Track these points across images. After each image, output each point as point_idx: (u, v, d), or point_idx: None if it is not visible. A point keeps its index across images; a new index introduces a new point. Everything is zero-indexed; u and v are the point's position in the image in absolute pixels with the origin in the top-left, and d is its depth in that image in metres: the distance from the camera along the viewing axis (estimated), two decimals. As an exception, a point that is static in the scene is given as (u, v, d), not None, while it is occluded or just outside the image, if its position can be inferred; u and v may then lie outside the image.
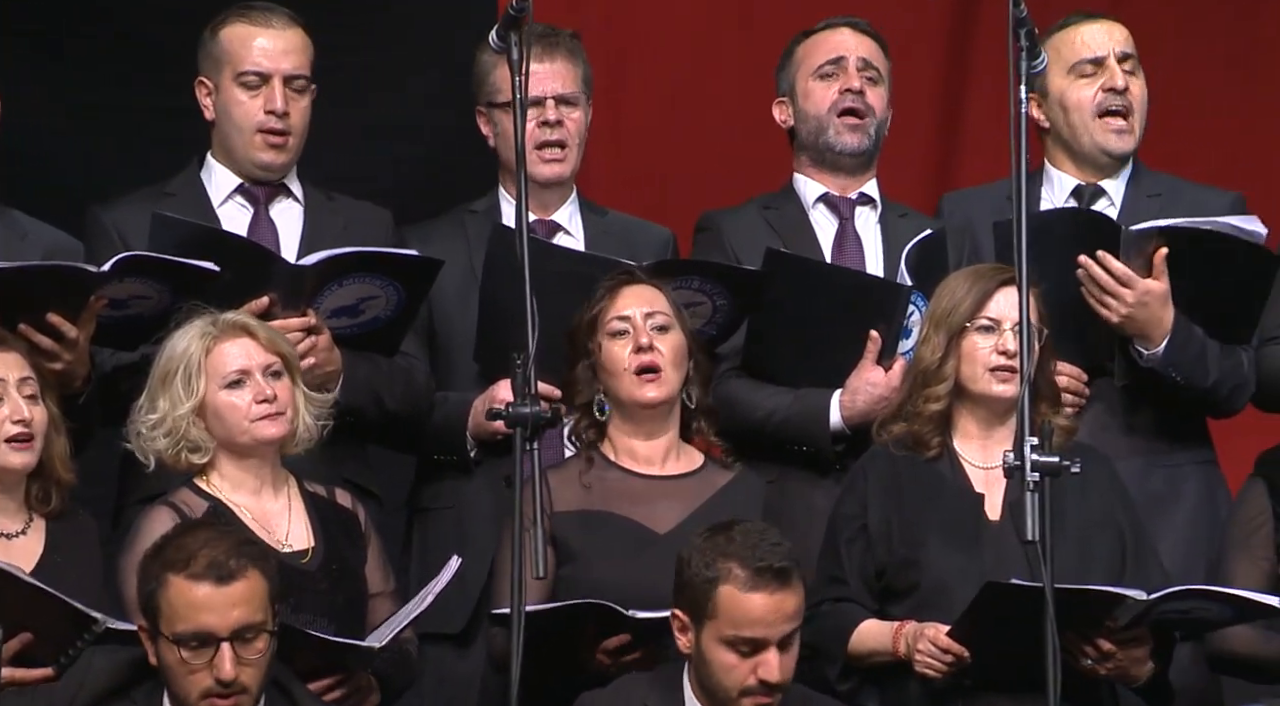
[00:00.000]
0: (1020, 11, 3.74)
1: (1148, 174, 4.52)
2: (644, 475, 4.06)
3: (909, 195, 4.82)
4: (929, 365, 4.03)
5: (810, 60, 4.50)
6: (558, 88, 4.40)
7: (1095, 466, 4.01)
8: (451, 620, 4.18)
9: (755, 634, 3.68)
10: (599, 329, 4.05)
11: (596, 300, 4.07)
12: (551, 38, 4.40)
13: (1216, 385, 4.32)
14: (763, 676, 3.68)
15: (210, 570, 3.52)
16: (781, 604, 3.68)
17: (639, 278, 4.11)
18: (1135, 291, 4.23)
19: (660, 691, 3.78)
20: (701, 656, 3.73)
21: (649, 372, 4.02)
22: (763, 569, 3.67)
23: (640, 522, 3.99)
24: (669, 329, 4.06)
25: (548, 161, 4.41)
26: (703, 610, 3.70)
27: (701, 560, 3.71)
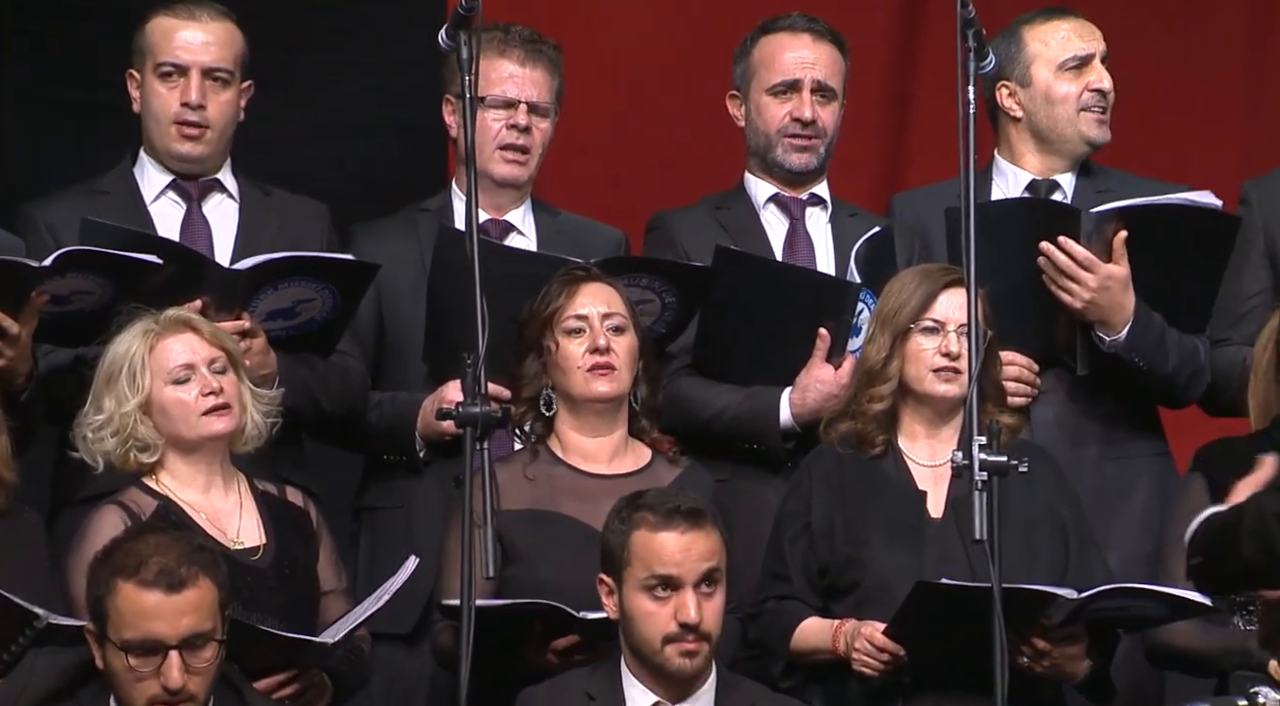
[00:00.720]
0: (968, 12, 3.74)
1: (1097, 169, 4.52)
2: (591, 474, 4.06)
3: (858, 195, 4.81)
4: (874, 364, 4.04)
5: (765, 74, 4.47)
6: (533, 95, 4.39)
7: (1039, 464, 3.99)
8: (401, 620, 4.15)
9: (668, 571, 3.70)
10: (554, 325, 4.04)
11: (552, 296, 4.05)
12: (537, 45, 4.39)
13: (1176, 371, 4.32)
14: (681, 619, 3.69)
15: (161, 577, 3.49)
16: (693, 542, 3.71)
17: (596, 275, 4.09)
18: (1097, 276, 4.23)
19: (599, 679, 3.79)
20: (626, 615, 3.74)
21: (602, 369, 4.02)
22: (672, 510, 3.73)
23: (587, 523, 3.98)
24: (624, 330, 4.05)
25: (509, 162, 4.39)
26: (620, 562, 3.73)
27: (618, 517, 3.77)
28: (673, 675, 3.74)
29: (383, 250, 4.33)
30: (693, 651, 3.72)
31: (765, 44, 4.49)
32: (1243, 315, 4.42)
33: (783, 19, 4.50)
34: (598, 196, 4.99)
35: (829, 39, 4.49)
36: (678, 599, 3.71)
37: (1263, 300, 4.42)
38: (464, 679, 3.51)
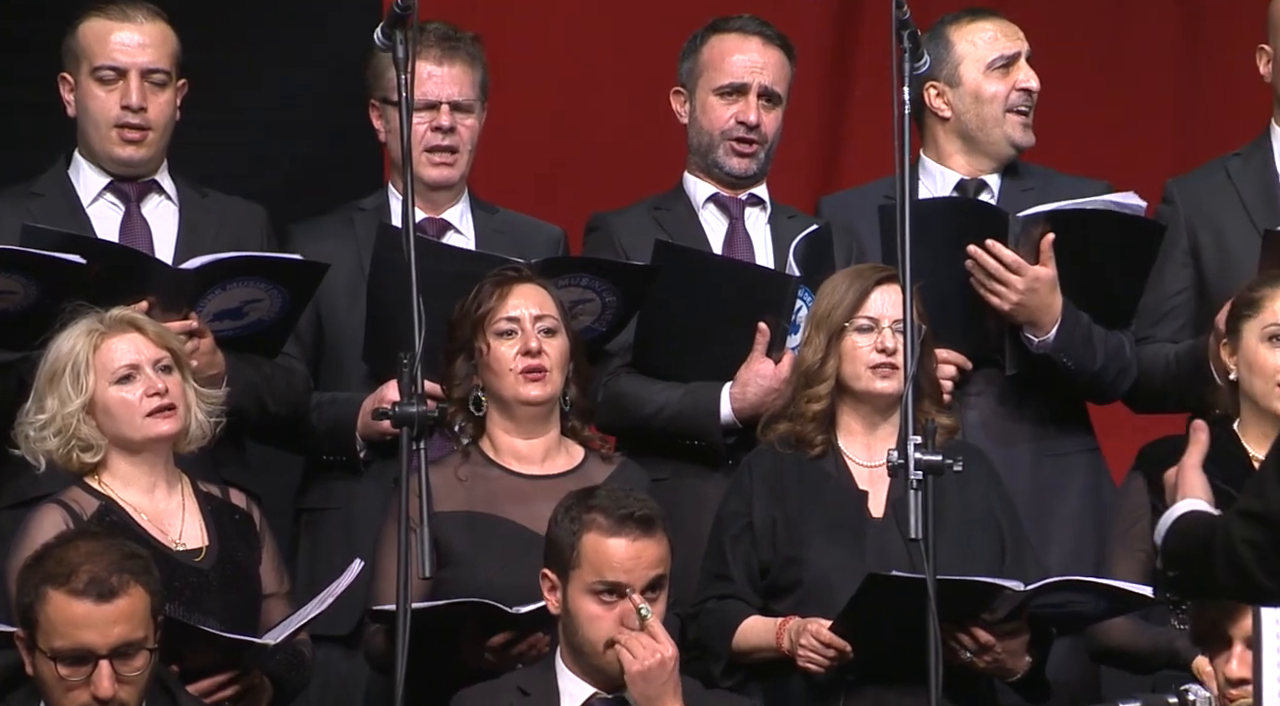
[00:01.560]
0: (903, 13, 3.74)
1: (1022, 167, 4.53)
2: (524, 475, 4.04)
3: (794, 195, 4.78)
4: (811, 365, 4.04)
5: (713, 74, 4.45)
6: (454, 94, 4.34)
7: (975, 464, 4.01)
8: (339, 622, 4.12)
9: (617, 578, 3.69)
10: (486, 327, 4.01)
11: (483, 297, 4.02)
12: (452, 41, 4.33)
13: (1103, 369, 4.33)
14: (627, 625, 3.67)
15: (91, 587, 3.45)
16: (643, 551, 3.70)
17: (528, 276, 4.06)
18: (1025, 278, 4.24)
19: (534, 676, 3.77)
20: (569, 613, 3.73)
21: (534, 372, 4.00)
22: (625, 516, 3.71)
23: (522, 524, 3.97)
24: (556, 332, 4.03)
25: (437, 165, 4.35)
26: (568, 562, 3.71)
27: (567, 515, 3.74)
28: (614, 676, 3.72)
29: (320, 249, 4.29)
30: None
31: (715, 44, 4.47)
32: (1166, 313, 4.44)
33: (735, 20, 4.48)
34: (536, 194, 4.97)
35: (778, 44, 4.47)
36: (625, 604, 3.69)
37: (1185, 298, 4.44)
38: (399, 680, 3.48)
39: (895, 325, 3.98)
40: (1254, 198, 4.45)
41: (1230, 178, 4.46)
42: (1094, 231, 4.26)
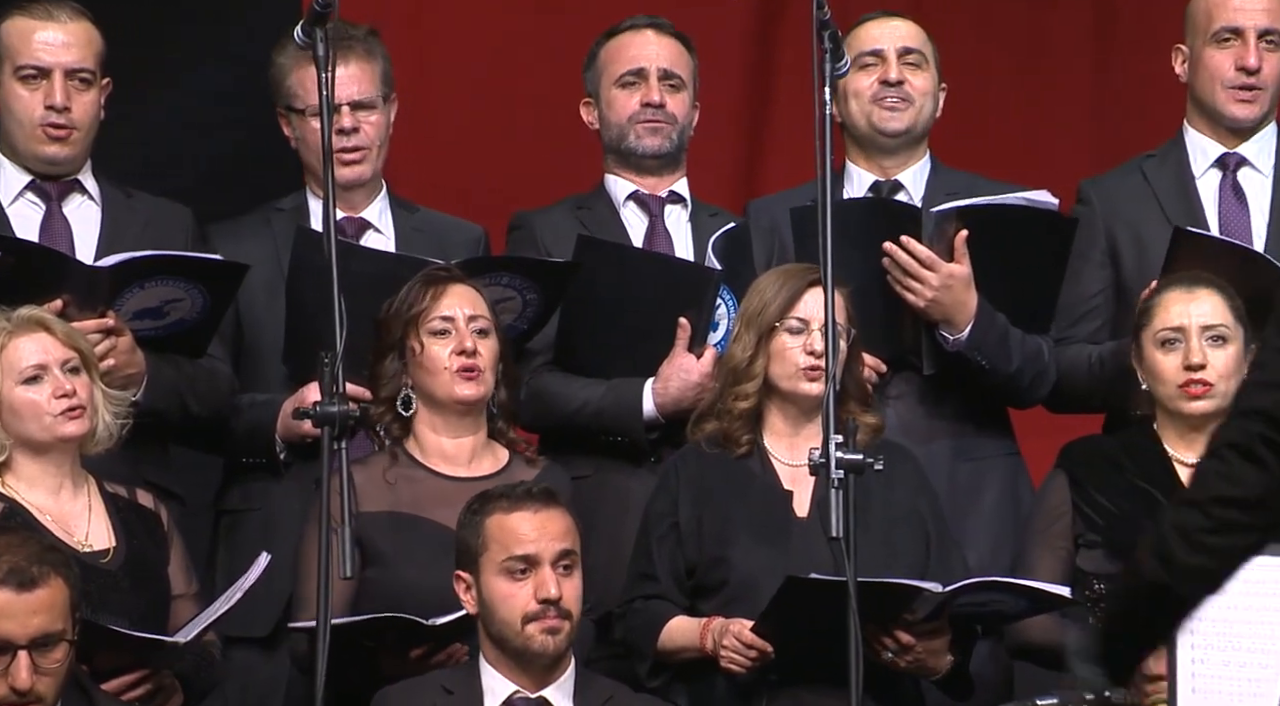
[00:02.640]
0: (823, 14, 3.71)
1: (945, 171, 4.52)
2: (450, 476, 4.00)
3: (717, 195, 4.76)
4: (739, 363, 4.01)
5: (613, 68, 4.45)
6: (353, 93, 4.29)
7: (900, 462, 4.01)
8: (258, 623, 4.08)
9: (525, 550, 3.67)
10: (419, 326, 3.97)
11: (416, 296, 3.98)
12: (345, 39, 4.27)
13: (1019, 372, 4.32)
14: (542, 595, 3.65)
15: (11, 576, 3.41)
16: (548, 520, 3.68)
17: (459, 277, 4.02)
18: (939, 275, 4.23)
19: (458, 674, 3.74)
20: (485, 603, 3.69)
21: (469, 372, 3.97)
22: (523, 492, 3.70)
23: (446, 525, 3.92)
24: (488, 333, 4.00)
25: (346, 164, 4.31)
26: (476, 551, 3.69)
27: (469, 512, 3.73)
28: (535, 656, 3.68)
29: (238, 250, 4.24)
30: (555, 628, 3.68)
31: (610, 45, 4.48)
32: (1084, 314, 4.43)
33: (625, 21, 4.48)
34: (458, 192, 4.94)
35: (672, 34, 4.47)
36: (537, 577, 3.67)
37: (1104, 299, 4.43)
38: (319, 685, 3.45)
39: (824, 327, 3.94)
40: (1170, 197, 4.46)
41: (1146, 178, 4.47)
42: (1007, 227, 4.26)
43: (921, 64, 4.46)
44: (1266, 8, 4.42)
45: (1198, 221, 4.44)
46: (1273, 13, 4.42)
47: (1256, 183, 4.49)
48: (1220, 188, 4.48)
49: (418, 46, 4.65)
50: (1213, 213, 4.47)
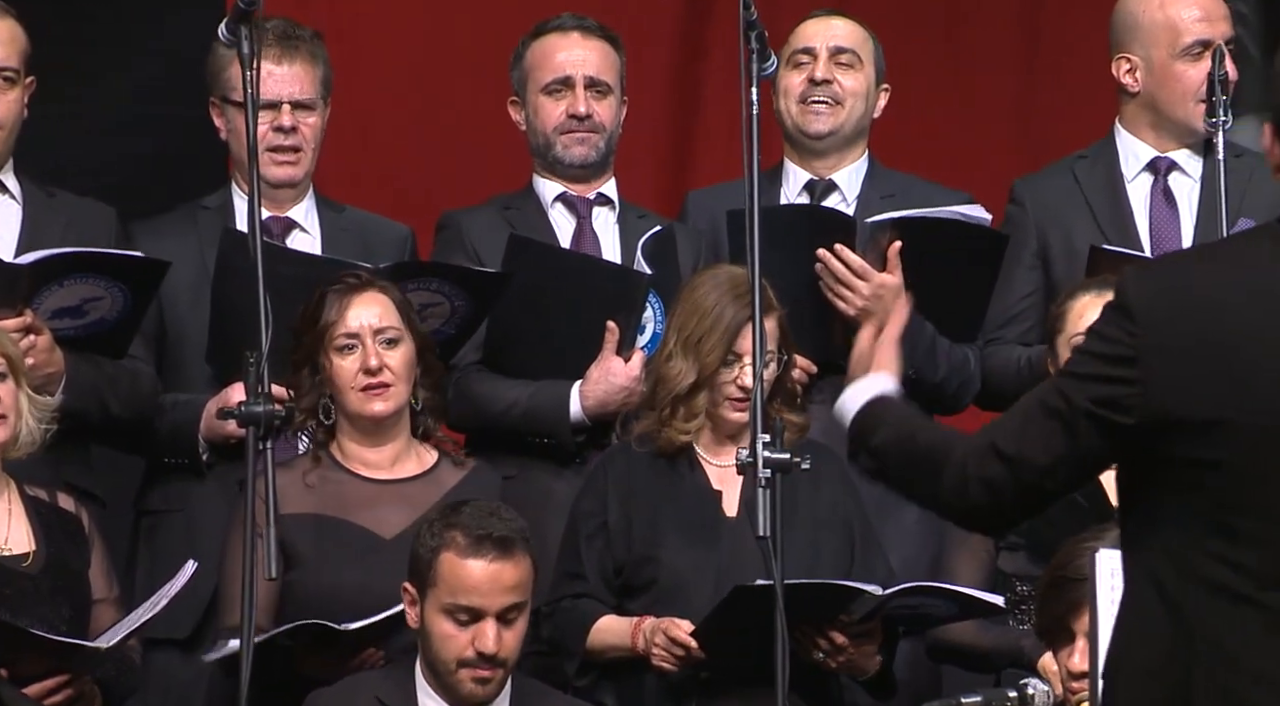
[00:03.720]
0: (750, 14, 3.68)
1: (882, 172, 4.50)
2: (373, 479, 3.95)
3: (646, 195, 4.75)
4: (679, 391, 3.97)
5: (538, 74, 4.40)
6: (294, 92, 4.25)
7: (827, 463, 3.97)
8: (178, 624, 4.02)
9: (472, 602, 3.62)
10: (326, 343, 3.91)
11: (322, 309, 3.90)
12: (292, 39, 4.23)
13: (945, 380, 4.31)
14: (479, 647, 3.61)
15: None
16: (500, 573, 3.63)
17: (367, 282, 3.94)
18: (871, 284, 4.23)
19: (391, 683, 3.69)
20: (425, 629, 3.66)
21: (375, 388, 3.92)
22: (483, 537, 3.63)
23: (368, 528, 3.89)
24: (399, 341, 3.93)
25: (280, 163, 4.26)
26: (426, 579, 3.64)
27: (430, 531, 3.67)
28: (463, 699, 3.66)
29: (162, 248, 4.17)
30: (486, 678, 3.64)
31: (536, 47, 4.42)
32: (1015, 315, 4.43)
33: (552, 20, 4.42)
34: (385, 192, 4.90)
35: (599, 35, 4.41)
36: (478, 627, 3.62)
37: (1034, 300, 4.42)
38: (244, 681, 3.41)
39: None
40: (1100, 201, 4.46)
41: (1077, 180, 4.48)
42: (940, 239, 4.25)
43: (855, 64, 4.44)
44: (1225, 14, 4.43)
45: (1128, 226, 4.44)
46: (1228, 19, 4.43)
47: (1186, 187, 4.49)
48: (1151, 192, 4.49)
49: (344, 43, 4.60)
50: (1143, 217, 4.47)
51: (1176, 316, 2.55)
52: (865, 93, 4.44)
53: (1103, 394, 2.55)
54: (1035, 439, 2.59)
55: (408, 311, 3.97)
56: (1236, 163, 4.31)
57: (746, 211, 3.66)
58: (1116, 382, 2.55)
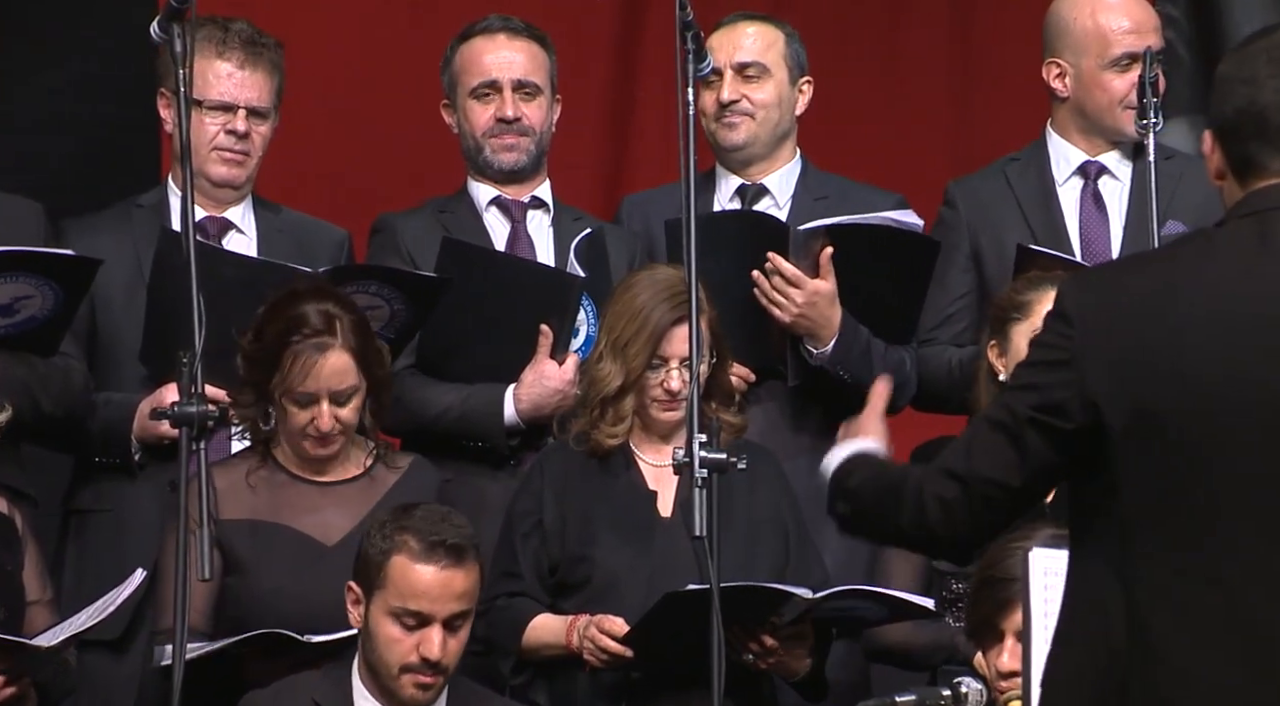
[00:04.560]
0: (686, 15, 3.66)
1: (815, 174, 4.49)
2: (314, 481, 3.92)
3: (582, 196, 4.72)
4: (608, 393, 3.97)
5: (466, 78, 4.37)
6: (252, 98, 4.21)
7: (763, 464, 3.98)
8: (109, 626, 3.93)
9: (420, 607, 3.59)
10: (281, 390, 3.84)
11: (285, 359, 3.81)
12: (257, 46, 4.20)
13: (880, 384, 4.36)
14: (424, 653, 3.58)
15: None
16: (450, 580, 3.60)
17: (333, 344, 3.84)
18: (804, 291, 4.23)
19: (328, 684, 3.66)
20: (369, 630, 3.62)
21: (323, 441, 3.88)
22: (436, 543, 3.60)
23: (309, 534, 3.86)
24: (353, 396, 3.88)
25: (226, 162, 4.22)
26: (374, 580, 3.60)
27: (380, 532, 3.64)
28: (402, 703, 3.63)
29: (95, 246, 4.11)
30: (428, 684, 3.62)
31: (464, 50, 4.38)
32: (949, 316, 4.42)
33: (479, 23, 4.39)
34: (320, 193, 4.87)
35: (526, 35, 4.38)
36: (424, 633, 3.58)
37: (967, 302, 4.42)
38: (175, 684, 3.38)
39: (685, 363, 3.92)
40: (1031, 204, 4.46)
41: (1009, 182, 4.48)
42: (872, 245, 4.25)
43: (761, 75, 4.41)
44: (1156, 26, 4.43)
45: (1058, 229, 4.44)
46: (1160, 31, 4.43)
47: (1115, 191, 4.50)
48: (1081, 196, 4.50)
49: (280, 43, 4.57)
50: (1073, 220, 4.48)
51: (1110, 320, 2.56)
52: (777, 101, 4.42)
53: (1043, 400, 2.56)
54: (983, 453, 2.60)
55: (366, 358, 3.88)
56: (1167, 165, 4.32)
57: (683, 209, 3.64)
58: (1055, 387, 2.56)
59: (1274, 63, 2.58)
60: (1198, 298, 2.54)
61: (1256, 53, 2.60)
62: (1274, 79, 2.57)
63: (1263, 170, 2.59)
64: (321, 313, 3.84)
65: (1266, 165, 2.58)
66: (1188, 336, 2.53)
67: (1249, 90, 2.59)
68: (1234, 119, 2.60)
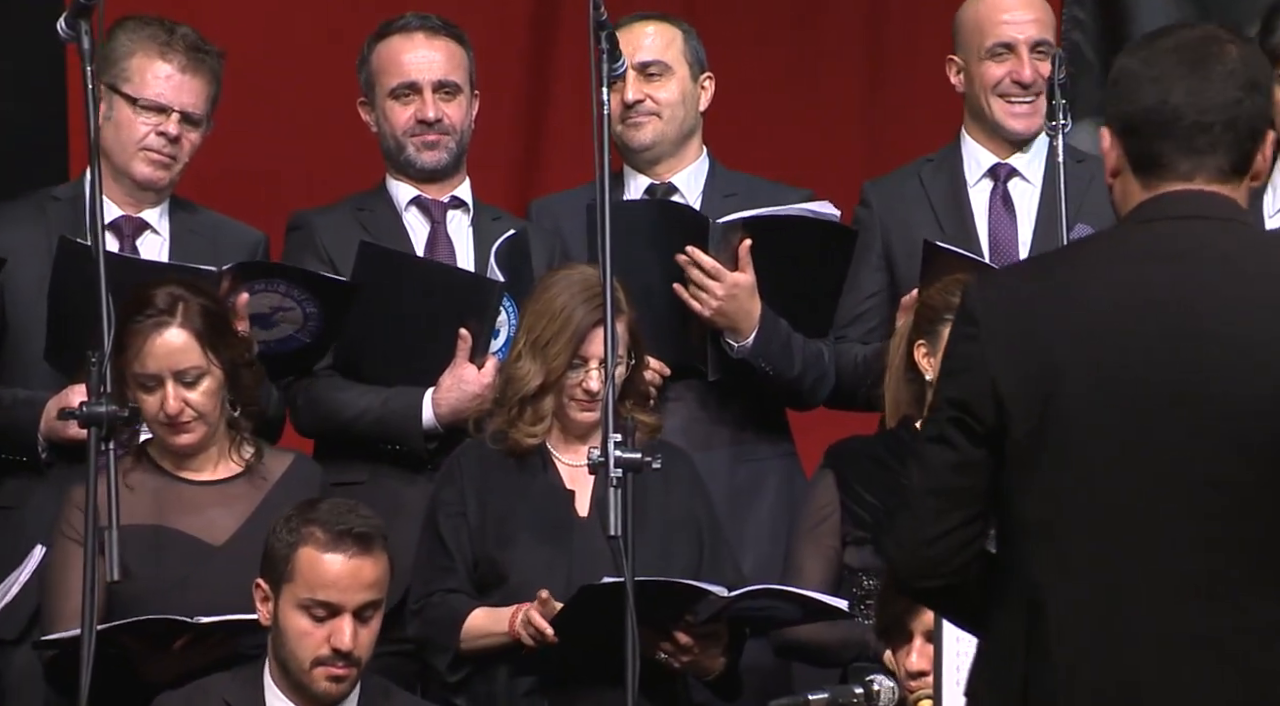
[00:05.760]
0: (600, 15, 3.64)
1: (723, 173, 4.46)
2: (195, 481, 3.86)
3: (498, 195, 4.67)
4: (526, 392, 3.94)
5: (384, 79, 4.31)
6: (188, 104, 4.15)
7: (678, 464, 3.95)
8: (8, 625, 3.90)
9: (330, 597, 3.55)
10: (129, 375, 3.78)
11: (126, 339, 3.75)
12: (200, 53, 4.15)
13: (801, 376, 4.28)
14: (335, 644, 3.54)
15: None
16: (360, 569, 3.56)
17: (167, 322, 3.78)
18: (724, 284, 4.20)
19: (239, 685, 3.61)
20: (278, 626, 3.58)
21: (177, 427, 3.81)
22: (343, 532, 3.56)
23: (196, 536, 3.80)
24: (201, 378, 3.81)
25: (153, 163, 4.15)
26: (281, 574, 3.56)
27: (286, 526, 3.59)
28: (316, 696, 3.58)
29: (6, 238, 4.06)
30: (341, 676, 3.57)
31: (381, 50, 4.33)
32: (860, 314, 4.41)
33: (395, 21, 4.33)
34: (236, 193, 4.82)
35: (445, 34, 4.32)
36: (334, 623, 3.54)
37: (879, 300, 4.41)
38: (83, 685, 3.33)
39: (603, 364, 3.87)
40: (943, 205, 4.46)
41: (923, 183, 4.49)
42: (789, 237, 4.22)
43: (663, 73, 4.38)
44: (1036, 18, 4.43)
45: (968, 230, 4.45)
46: (1042, 23, 4.43)
47: (1026, 193, 4.50)
48: (991, 198, 4.51)
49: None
50: (983, 222, 4.49)
51: (1009, 317, 2.55)
52: (681, 98, 4.38)
53: (960, 399, 2.56)
54: (919, 469, 2.60)
55: (213, 341, 3.81)
56: (1078, 168, 4.34)
57: (598, 209, 3.62)
58: (969, 387, 2.56)
59: (1185, 63, 2.56)
60: (1095, 301, 2.53)
61: (1164, 51, 2.58)
62: (1185, 80, 2.55)
63: (1170, 172, 2.57)
64: (168, 295, 3.80)
65: (1175, 166, 2.56)
66: (1081, 340, 2.52)
67: (1158, 89, 2.56)
68: (1141, 117, 2.57)
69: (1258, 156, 2.59)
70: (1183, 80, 2.55)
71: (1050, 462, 2.52)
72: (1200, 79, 2.54)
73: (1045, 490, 2.53)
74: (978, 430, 2.54)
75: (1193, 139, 2.54)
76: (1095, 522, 2.51)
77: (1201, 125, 2.54)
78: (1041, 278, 2.60)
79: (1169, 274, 2.52)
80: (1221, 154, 2.55)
